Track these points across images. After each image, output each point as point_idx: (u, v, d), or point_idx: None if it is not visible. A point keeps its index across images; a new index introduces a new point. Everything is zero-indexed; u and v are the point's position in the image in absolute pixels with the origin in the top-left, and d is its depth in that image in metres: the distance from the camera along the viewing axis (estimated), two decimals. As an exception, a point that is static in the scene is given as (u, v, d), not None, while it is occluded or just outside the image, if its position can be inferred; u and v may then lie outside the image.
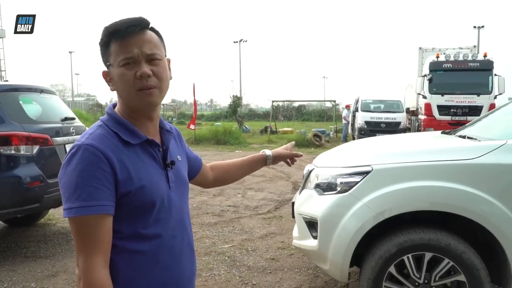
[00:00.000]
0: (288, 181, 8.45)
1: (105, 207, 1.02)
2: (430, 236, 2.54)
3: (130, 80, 1.08)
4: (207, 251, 4.36)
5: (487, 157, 2.52)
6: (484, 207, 2.47)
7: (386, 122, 16.54)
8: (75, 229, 1.03)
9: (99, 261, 1.02)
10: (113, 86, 1.13)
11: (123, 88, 1.10)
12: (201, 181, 1.58)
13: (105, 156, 1.03)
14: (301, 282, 3.62)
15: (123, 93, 1.11)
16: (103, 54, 1.13)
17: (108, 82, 1.15)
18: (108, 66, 1.13)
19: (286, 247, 4.44)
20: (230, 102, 24.96)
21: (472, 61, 13.17)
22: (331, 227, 2.71)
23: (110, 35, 1.09)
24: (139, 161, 1.11)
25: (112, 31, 1.09)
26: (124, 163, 1.06)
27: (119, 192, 1.05)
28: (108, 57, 1.11)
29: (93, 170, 1.01)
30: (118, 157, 1.06)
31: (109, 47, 1.10)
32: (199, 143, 16.63)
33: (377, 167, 2.69)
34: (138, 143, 1.12)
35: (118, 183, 1.04)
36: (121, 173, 1.05)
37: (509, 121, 3.44)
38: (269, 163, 1.73)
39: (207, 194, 7.13)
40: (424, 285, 2.56)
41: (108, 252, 1.05)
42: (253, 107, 66.80)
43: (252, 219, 5.62)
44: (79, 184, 1.00)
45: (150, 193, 1.10)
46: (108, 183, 1.02)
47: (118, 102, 1.17)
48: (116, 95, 1.16)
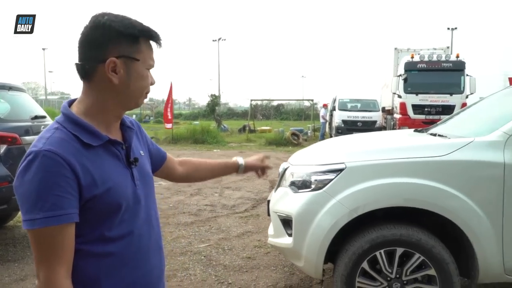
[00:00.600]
0: (266, 179, 8.46)
1: (71, 215, 0.98)
2: (401, 231, 2.59)
3: (147, 84, 1.13)
4: (183, 251, 4.32)
5: (455, 154, 2.58)
6: (454, 203, 2.52)
7: (363, 121, 16.82)
8: (36, 240, 0.98)
9: (62, 272, 0.99)
10: (120, 80, 1.07)
11: (138, 88, 1.11)
12: (166, 174, 1.53)
13: (66, 162, 0.98)
14: (277, 280, 3.63)
15: (134, 92, 1.11)
16: (122, 43, 1.06)
17: (112, 72, 1.06)
18: (129, 59, 1.07)
19: (263, 246, 4.45)
20: (209, 101, 24.85)
21: (445, 62, 13.51)
22: (306, 225, 2.72)
23: (141, 32, 1.08)
24: (102, 163, 1.07)
25: (144, 29, 1.09)
26: (86, 167, 1.02)
27: (84, 198, 1.01)
28: (133, 51, 1.07)
29: (55, 177, 0.96)
30: (80, 162, 1.01)
31: (138, 43, 1.08)
32: (177, 142, 16.49)
33: (351, 164, 2.71)
34: (100, 144, 1.08)
35: (82, 188, 1.00)
36: (85, 178, 1.00)
37: (477, 119, 3.54)
38: (240, 172, 1.71)
39: (183, 193, 7.07)
40: (396, 280, 2.61)
41: (71, 261, 1.02)
42: (232, 106, 66.67)
43: (229, 218, 5.60)
44: (41, 194, 0.95)
45: (116, 195, 1.06)
46: (71, 189, 0.98)
47: (85, 99, 1.10)
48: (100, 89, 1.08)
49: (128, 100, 1.11)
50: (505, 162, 2.48)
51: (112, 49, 1.05)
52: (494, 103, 3.69)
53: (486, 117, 3.45)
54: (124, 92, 1.09)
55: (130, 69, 1.08)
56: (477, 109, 3.84)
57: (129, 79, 1.08)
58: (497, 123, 2.73)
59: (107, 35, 1.05)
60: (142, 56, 1.09)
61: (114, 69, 1.06)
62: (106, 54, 1.05)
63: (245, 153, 13.60)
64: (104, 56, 1.05)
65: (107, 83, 1.07)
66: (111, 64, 1.05)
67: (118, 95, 1.09)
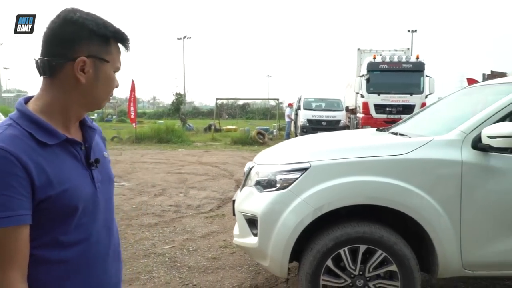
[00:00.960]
0: (231, 179, 8.43)
1: (22, 217, 0.92)
2: (364, 229, 2.63)
3: (113, 87, 1.12)
4: (146, 253, 4.21)
5: (416, 152, 2.64)
6: (415, 201, 2.59)
7: (327, 120, 17.09)
8: None
9: (16, 277, 0.92)
10: (87, 80, 1.04)
11: (104, 90, 1.09)
12: None
13: (18, 160, 0.92)
14: (243, 280, 3.60)
15: (100, 94, 1.09)
16: (93, 43, 1.04)
17: (81, 72, 1.02)
18: (99, 60, 1.05)
19: (228, 246, 4.41)
20: (174, 100, 24.47)
21: (406, 63, 13.97)
22: (271, 224, 2.71)
23: (114, 33, 1.07)
24: (59, 162, 1.01)
25: (116, 31, 1.08)
26: (41, 166, 0.96)
27: (37, 198, 0.95)
28: (103, 52, 1.06)
29: (5, 177, 0.90)
30: (34, 160, 0.95)
31: (109, 44, 1.07)
32: (140, 142, 16.15)
33: (315, 163, 2.73)
34: (57, 143, 1.02)
35: (36, 188, 0.94)
36: (39, 178, 0.94)
37: (436, 119, 3.66)
38: None
39: (147, 194, 6.92)
40: (359, 277, 2.64)
41: (26, 265, 0.95)
42: (197, 105, 66.20)
43: (194, 218, 5.53)
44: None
45: (73, 196, 1.01)
46: (23, 190, 0.92)
47: (44, 96, 1.04)
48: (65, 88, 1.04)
49: (92, 101, 1.09)
50: (463, 160, 2.57)
51: (82, 48, 1.02)
52: (452, 103, 3.83)
53: (444, 117, 3.57)
54: (89, 93, 1.06)
55: (98, 70, 1.05)
56: (436, 108, 3.97)
57: (96, 80, 1.05)
58: (455, 122, 2.82)
59: (79, 32, 1.02)
60: (111, 58, 1.07)
61: (83, 68, 1.03)
62: (76, 52, 1.02)
63: (210, 152, 13.51)
64: (74, 54, 1.01)
65: (73, 81, 1.03)
66: (81, 63, 1.02)
67: (83, 95, 1.05)
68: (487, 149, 2.55)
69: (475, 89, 3.73)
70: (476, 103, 3.24)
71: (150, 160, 11.11)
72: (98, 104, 1.11)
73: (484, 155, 2.58)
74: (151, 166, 9.99)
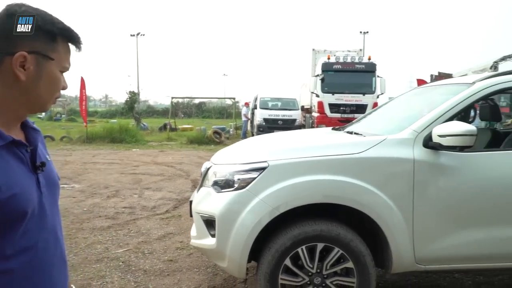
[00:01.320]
0: (188, 179, 8.30)
1: None
2: (321, 227, 2.65)
3: (59, 88, 1.05)
4: (98, 257, 4.04)
5: (370, 151, 2.70)
6: (369, 198, 2.65)
7: (283, 119, 17.26)
8: None
9: None
10: (28, 77, 0.96)
11: (48, 90, 1.01)
12: None
13: None
14: (200, 281, 3.54)
15: (42, 94, 1.01)
16: (37, 39, 0.97)
17: (21, 67, 0.95)
18: (42, 56, 0.98)
19: (185, 247, 4.32)
20: (127, 98, 23.80)
21: (359, 63, 14.40)
22: (229, 224, 2.68)
23: (61, 31, 1.01)
24: (6, 166, 0.93)
25: (64, 29, 1.01)
26: None
27: None
28: (48, 49, 0.99)
29: None
30: None
31: (55, 42, 1.00)
32: (92, 141, 15.53)
33: (273, 163, 2.72)
34: (2, 145, 0.94)
35: None
36: None
37: (389, 118, 3.77)
38: None
39: (99, 196, 6.66)
40: (317, 274, 2.67)
41: None
42: (152, 104, 64.71)
43: (150, 220, 5.38)
44: None
45: (22, 201, 0.93)
46: None
47: None
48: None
49: (34, 101, 1.00)
50: (415, 158, 2.66)
51: (25, 43, 0.96)
52: (404, 102, 3.97)
53: (397, 116, 3.69)
54: (30, 92, 0.98)
55: (41, 67, 0.98)
56: (389, 108, 4.09)
57: (38, 78, 0.98)
58: (407, 121, 2.91)
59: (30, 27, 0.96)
60: (57, 56, 1.01)
61: (23, 64, 0.95)
62: (16, 46, 0.95)
63: (166, 152, 13.24)
64: (14, 49, 0.95)
65: (12, 78, 0.95)
66: (20, 58, 0.95)
67: (23, 94, 0.98)
68: (437, 147, 2.66)
69: (425, 89, 3.88)
70: (426, 103, 3.37)
71: (103, 161, 10.70)
72: (41, 105, 1.03)
73: (435, 153, 2.68)
74: (104, 167, 9.63)
